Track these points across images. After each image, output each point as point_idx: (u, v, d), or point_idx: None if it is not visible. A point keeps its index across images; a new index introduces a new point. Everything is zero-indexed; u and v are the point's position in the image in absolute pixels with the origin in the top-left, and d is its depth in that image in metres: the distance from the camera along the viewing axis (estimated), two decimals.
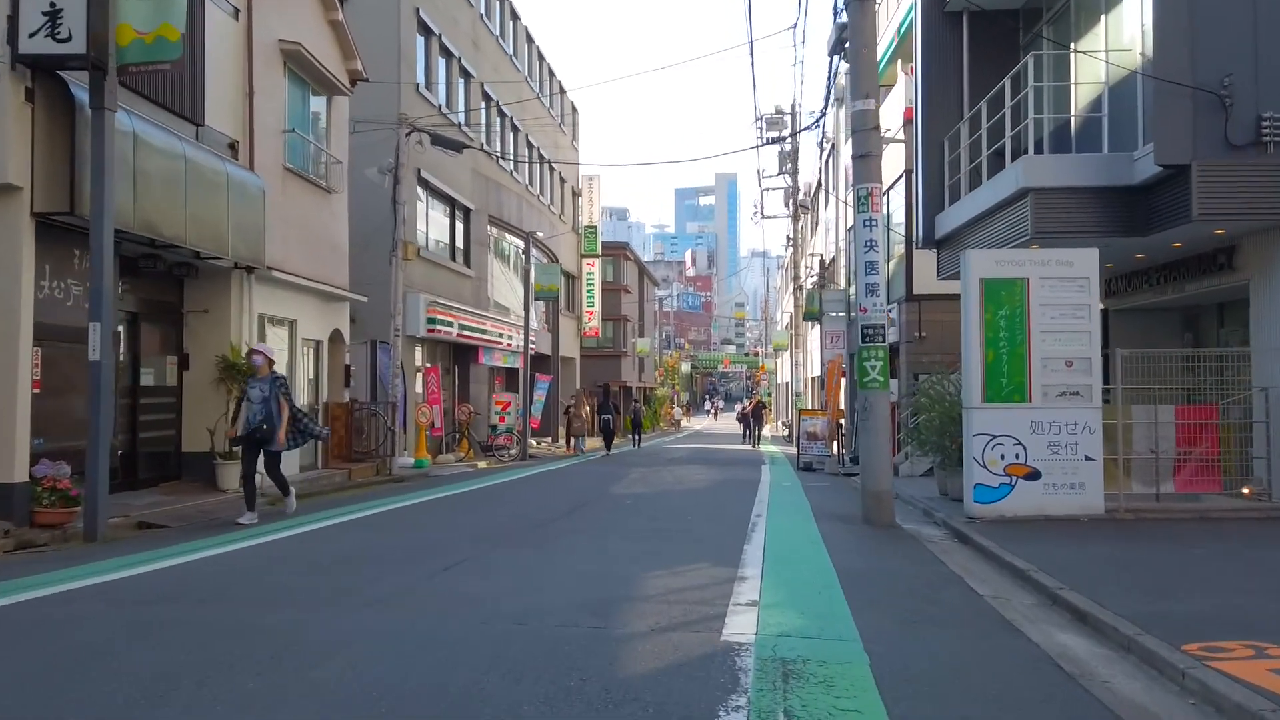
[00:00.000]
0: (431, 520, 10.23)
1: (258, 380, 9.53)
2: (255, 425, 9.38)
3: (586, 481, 15.75)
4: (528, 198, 29.12)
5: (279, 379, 9.72)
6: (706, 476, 16.99)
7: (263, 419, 9.38)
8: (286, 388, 9.76)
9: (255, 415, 9.38)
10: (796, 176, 33.98)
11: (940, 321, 19.04)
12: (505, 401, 24.12)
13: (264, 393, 9.44)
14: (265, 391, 9.44)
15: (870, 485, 9.70)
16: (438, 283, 21.16)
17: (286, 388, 9.76)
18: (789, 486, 14.89)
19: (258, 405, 9.41)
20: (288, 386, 9.86)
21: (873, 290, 9.91)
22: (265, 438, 9.46)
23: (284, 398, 9.59)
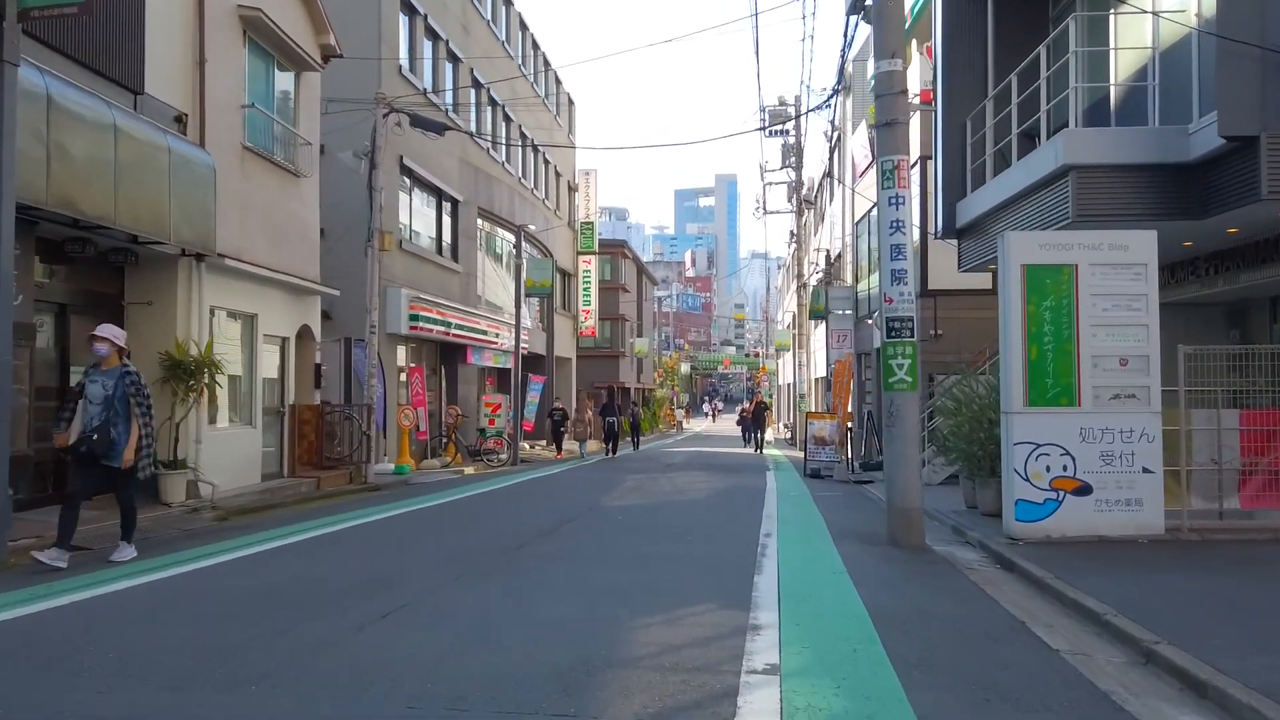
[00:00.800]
0: (390, 541, 8.97)
1: (101, 374, 7.29)
2: (88, 433, 7.12)
3: (576, 491, 14.52)
4: (520, 191, 27.90)
5: (129, 374, 7.37)
6: (708, 485, 15.75)
7: (100, 424, 7.12)
8: (140, 386, 7.41)
9: (92, 420, 7.15)
10: (800, 171, 32.74)
11: (958, 318, 17.81)
12: (495, 403, 22.87)
13: (106, 390, 7.21)
14: (109, 389, 7.22)
15: (898, 501, 8.46)
16: (422, 278, 19.93)
17: (140, 386, 7.41)
18: (797, 497, 13.65)
19: (97, 407, 7.17)
20: (142, 385, 7.45)
21: (899, 278, 8.68)
22: (100, 451, 7.14)
23: (135, 401, 7.31)
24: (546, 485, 15.85)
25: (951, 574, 7.17)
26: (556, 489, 15.11)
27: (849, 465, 18.30)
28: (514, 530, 9.56)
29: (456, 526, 10.11)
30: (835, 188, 30.78)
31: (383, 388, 17.65)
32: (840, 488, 15.96)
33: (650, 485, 15.33)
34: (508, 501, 12.99)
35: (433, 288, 20.45)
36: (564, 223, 35.07)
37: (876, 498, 14.05)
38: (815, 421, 18.54)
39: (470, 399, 23.23)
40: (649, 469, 19.82)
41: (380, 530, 9.64)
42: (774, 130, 33.47)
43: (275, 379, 13.58)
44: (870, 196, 22.17)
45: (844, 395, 18.46)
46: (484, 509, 12.09)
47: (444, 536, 9.23)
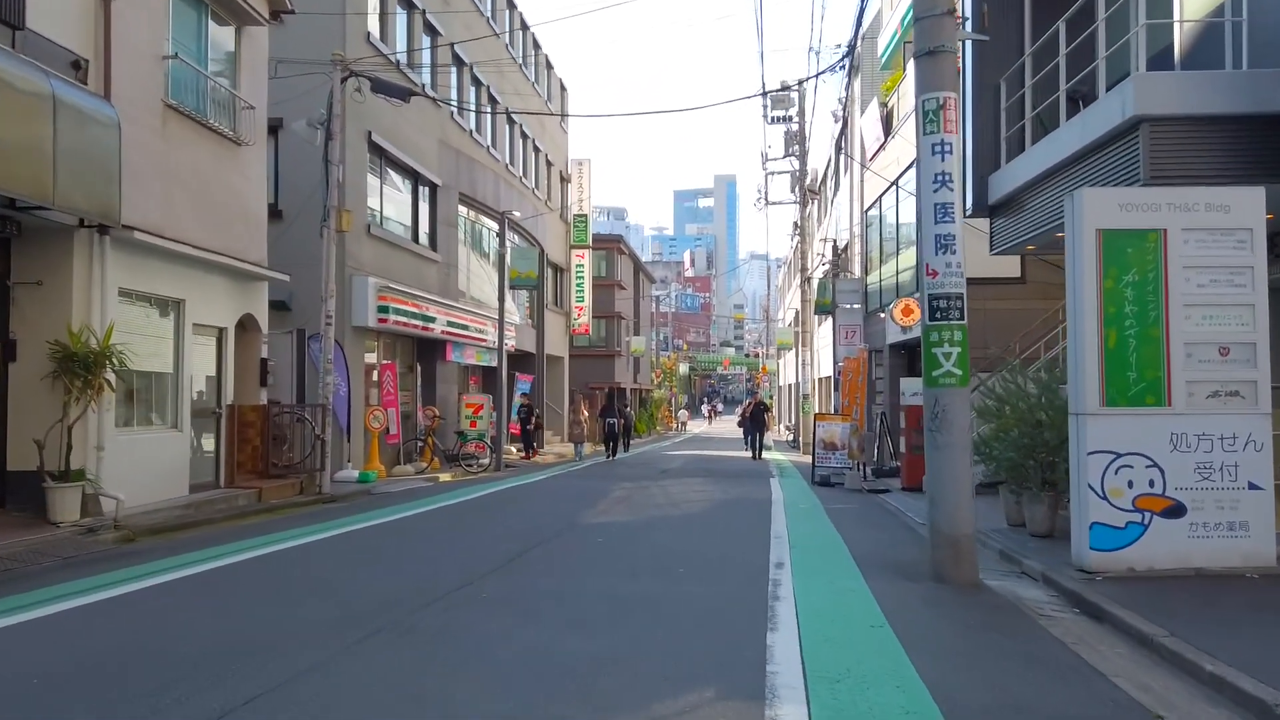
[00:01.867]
0: (305, 577, 7.22)
1: None
2: None
3: (556, 503, 12.80)
4: (507, 178, 26.19)
5: None
6: (705, 495, 14.05)
7: None
8: None
9: None
10: (805, 160, 31.05)
11: (984, 309, 16.05)
12: (477, 404, 21.16)
13: None
14: None
15: (945, 527, 6.73)
16: (394, 266, 18.22)
17: None
18: (808, 510, 11.95)
19: None
20: None
21: (946, 245, 6.98)
22: None
23: None
24: (525, 496, 14.14)
25: (1026, 627, 5.46)
26: (534, 500, 13.40)
27: (861, 472, 16.58)
28: (466, 559, 7.84)
29: (398, 552, 8.38)
30: (842, 175, 29.10)
31: (346, 386, 15.95)
32: (854, 498, 14.25)
33: (641, 496, 13.62)
34: (473, 517, 11.27)
35: (407, 278, 18.74)
36: (555, 214, 33.36)
37: (896, 509, 12.35)
38: (824, 424, 16.83)
39: (450, 399, 21.52)
40: (642, 476, 18.11)
41: (302, 559, 7.93)
42: (776, 117, 31.80)
43: (212, 375, 11.87)
44: (886, 177, 20.46)
45: (858, 394, 16.73)
46: (442, 527, 10.37)
47: (375, 569, 7.49)
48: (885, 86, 21.08)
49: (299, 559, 7.96)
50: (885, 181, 20.86)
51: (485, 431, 21.04)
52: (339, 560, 8.00)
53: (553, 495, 14.11)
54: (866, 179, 23.02)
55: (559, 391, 34.57)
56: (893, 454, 18.25)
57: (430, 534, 9.83)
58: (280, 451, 13.10)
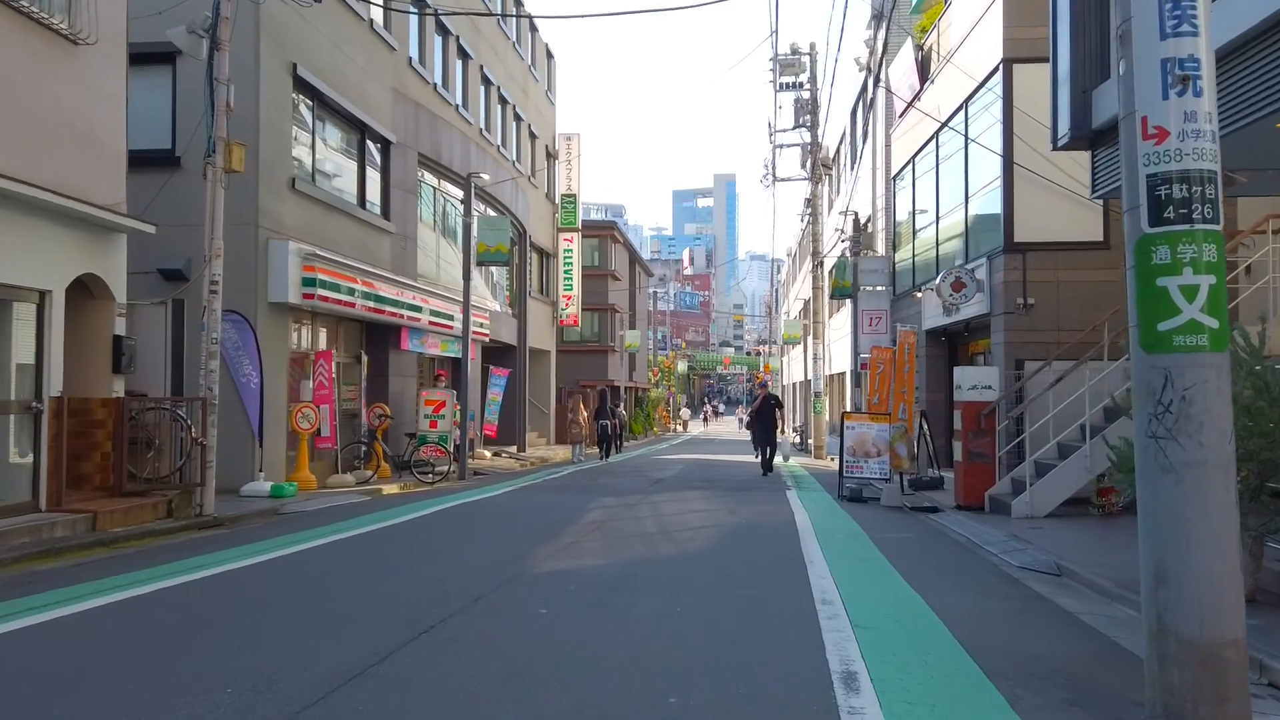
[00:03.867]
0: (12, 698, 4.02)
1: None
2: None
3: (505, 533, 9.56)
4: (482, 145, 22.98)
5: None
6: (708, 518, 10.82)
7: None
8: None
9: None
10: (816, 131, 27.82)
11: (1056, 283, 12.88)
12: (438, 401, 17.92)
13: None
14: None
15: (1193, 628, 3.38)
16: (331, 233, 15.01)
17: None
18: (853, 545, 8.72)
19: None
20: None
21: (1184, 78, 3.63)
22: None
23: None
24: (473, 518, 10.92)
25: None
26: (480, 527, 10.15)
27: (900, 483, 13.36)
28: (326, 643, 4.63)
29: (224, 630, 5.15)
30: (860, 147, 25.86)
31: (258, 377, 12.73)
32: (900, 521, 11.03)
33: (623, 520, 10.40)
34: (382, 557, 8.02)
35: (348, 248, 15.52)
36: (540, 192, 30.15)
37: (966, 540, 9.14)
38: (855, 425, 13.59)
39: (407, 395, 18.30)
40: (629, 488, 14.88)
41: (41, 655, 4.70)
42: (786, 84, 28.60)
43: (32, 358, 8.64)
44: (922, 134, 17.23)
45: (902, 389, 13.42)
46: (334, 573, 7.14)
47: (149, 669, 4.27)
48: (921, 25, 17.86)
49: (73, 638, 4.74)
50: (915, 142, 17.64)
51: (448, 433, 17.81)
52: (110, 653, 4.74)
53: (509, 518, 10.86)
54: (895, 140, 19.79)
55: (544, 388, 31.37)
56: (933, 461, 15.02)
57: (313, 582, 6.60)
58: (144, 461, 9.87)
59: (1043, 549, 8.29)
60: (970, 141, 14.18)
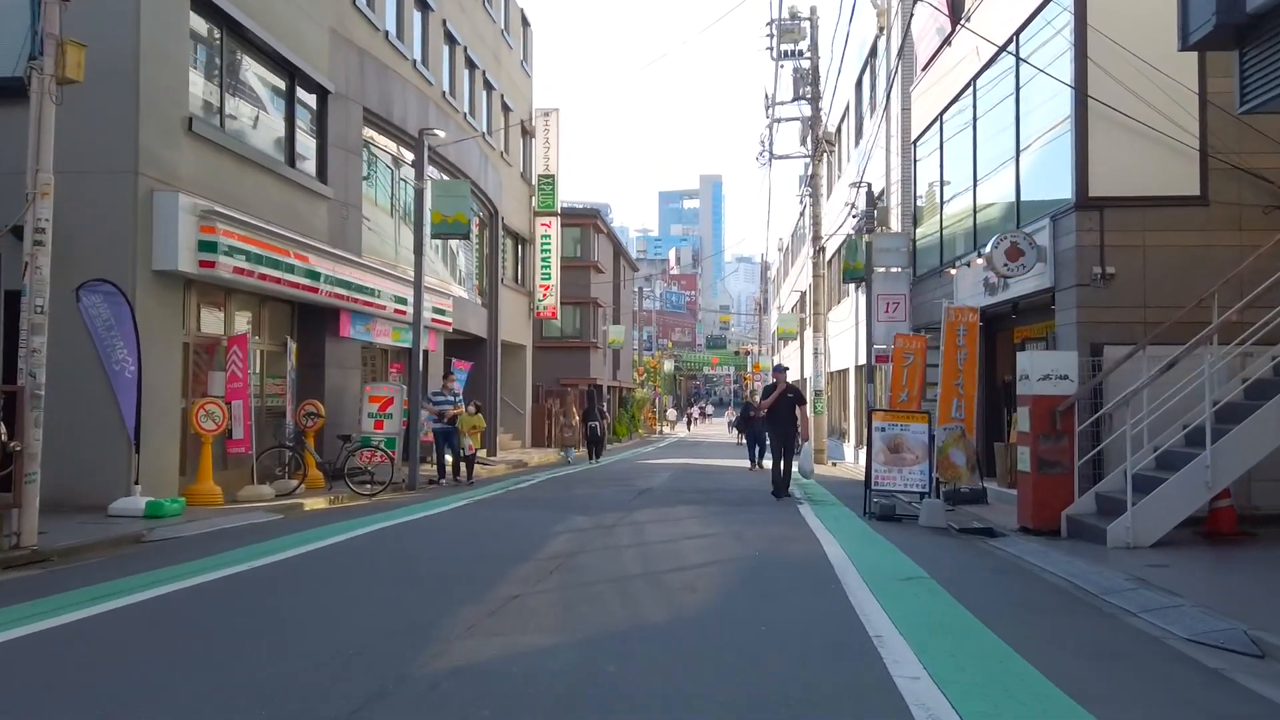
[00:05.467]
0: None
1: None
2: None
3: (435, 572, 6.88)
4: (445, 109, 20.29)
5: None
6: (708, 548, 8.18)
7: None
8: None
9: None
10: (818, 104, 25.26)
11: (1144, 248, 10.31)
12: (384, 397, 15.24)
13: None
14: None
15: None
16: (245, 191, 12.32)
17: None
18: (917, 593, 6.09)
19: None
20: None
21: None
22: None
23: None
24: (397, 549, 8.23)
25: None
26: (403, 562, 7.44)
27: (935, 493, 10.76)
28: None
29: None
30: (867, 119, 23.32)
31: (136, 364, 10.03)
32: (959, 551, 8.44)
33: (596, 552, 7.75)
34: (234, 617, 5.35)
35: (269, 211, 12.83)
36: (515, 170, 27.48)
37: (1067, 582, 6.58)
38: (887, 425, 10.98)
39: (348, 391, 15.60)
40: (609, 502, 12.25)
41: None
42: (786, 51, 26.03)
43: None
44: (953, 85, 14.65)
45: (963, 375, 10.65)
46: (96, 666, 4.46)
47: None
48: None
49: None
50: (944, 96, 15.09)
51: (396, 435, 15.14)
52: None
53: (442, 549, 8.15)
54: (917, 99, 17.23)
55: (519, 386, 28.67)
56: (978, 469, 12.43)
57: (81, 682, 3.92)
58: None
59: (1197, 602, 5.72)
60: (1023, 66, 11.60)
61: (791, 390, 13.74)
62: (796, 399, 13.56)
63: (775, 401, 13.51)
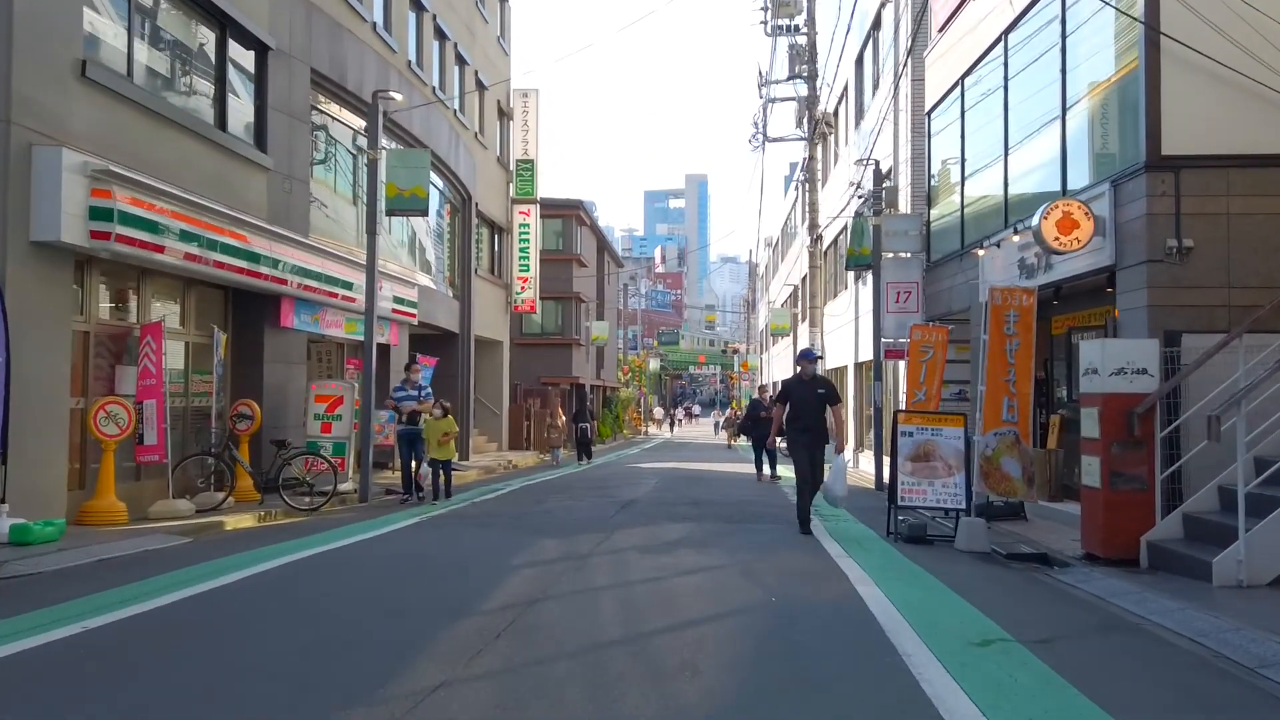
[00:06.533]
0: None
1: None
2: None
3: (336, 639, 5.05)
4: (410, 79, 18.43)
5: None
6: (709, 590, 6.38)
7: None
8: None
9: None
10: (815, 82, 23.54)
11: (1229, 216, 8.60)
12: (332, 396, 13.39)
13: None
14: None
15: None
16: (161, 153, 10.46)
17: None
18: (1005, 664, 4.35)
19: None
20: None
21: None
22: None
23: None
24: (306, 593, 6.40)
25: None
26: (302, 618, 5.57)
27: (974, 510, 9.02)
28: None
29: None
30: (867, 97, 21.64)
31: (4, 355, 8.16)
32: (1024, 589, 6.71)
33: (562, 600, 5.95)
34: None
35: (193, 180, 10.96)
36: (490, 153, 25.64)
37: (1207, 653, 4.80)
38: (915, 429, 9.26)
39: (292, 389, 13.74)
40: (586, 519, 10.47)
41: None
42: (779, 26, 24.30)
43: None
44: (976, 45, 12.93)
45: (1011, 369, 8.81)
46: None
47: None
48: None
49: None
50: (966, 57, 13.39)
51: (346, 440, 13.30)
52: None
53: (366, 593, 6.28)
54: (931, 65, 15.51)
55: (495, 385, 26.84)
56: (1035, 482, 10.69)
57: None
58: None
59: None
60: (1072, 10, 9.87)
61: (823, 384, 10.05)
62: (829, 395, 9.83)
63: (801, 400, 9.72)
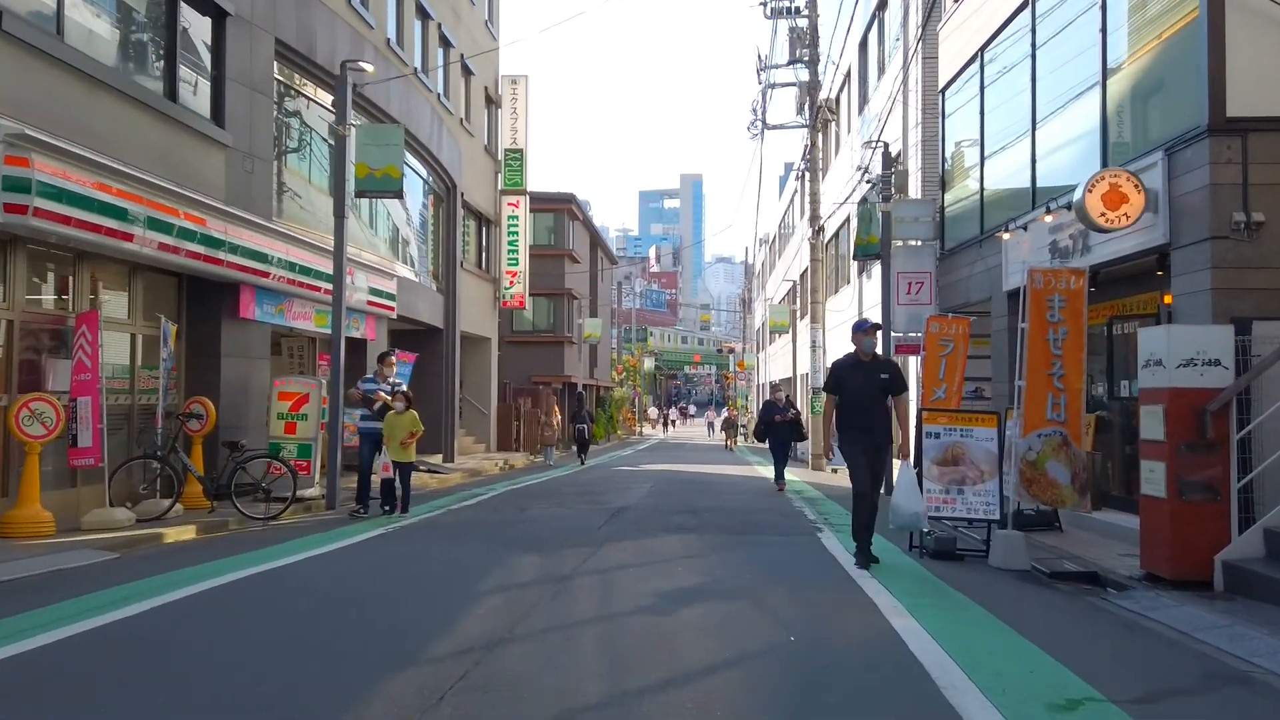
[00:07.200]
0: None
1: None
2: None
3: (242, 677, 3.97)
4: (389, 57, 17.33)
5: None
6: (718, 639, 5.22)
7: None
8: None
9: None
10: (816, 67, 22.49)
11: None
12: (298, 394, 12.26)
13: None
14: None
15: None
16: (98, 122, 9.36)
17: None
18: None
19: None
20: None
21: None
22: None
23: None
24: (203, 637, 5.28)
25: None
26: (170, 678, 4.50)
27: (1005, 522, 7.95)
28: None
29: None
30: (872, 80, 20.60)
31: None
32: (1087, 616, 5.64)
33: (529, 640, 4.86)
34: None
35: (138, 154, 9.86)
36: (477, 141, 24.54)
37: None
38: (944, 429, 8.19)
39: (254, 386, 12.61)
40: (570, 530, 9.38)
41: None
42: (777, 9, 23.23)
43: None
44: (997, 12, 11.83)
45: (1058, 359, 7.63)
46: None
47: None
48: None
49: None
50: (985, 28, 12.33)
51: (314, 441, 12.18)
52: None
53: (290, 633, 5.11)
54: (945, 39, 14.45)
55: (483, 383, 25.76)
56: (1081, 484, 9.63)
57: None
58: None
59: None
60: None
61: (886, 367, 7.61)
62: (893, 383, 7.41)
63: (857, 390, 7.36)
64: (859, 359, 7.60)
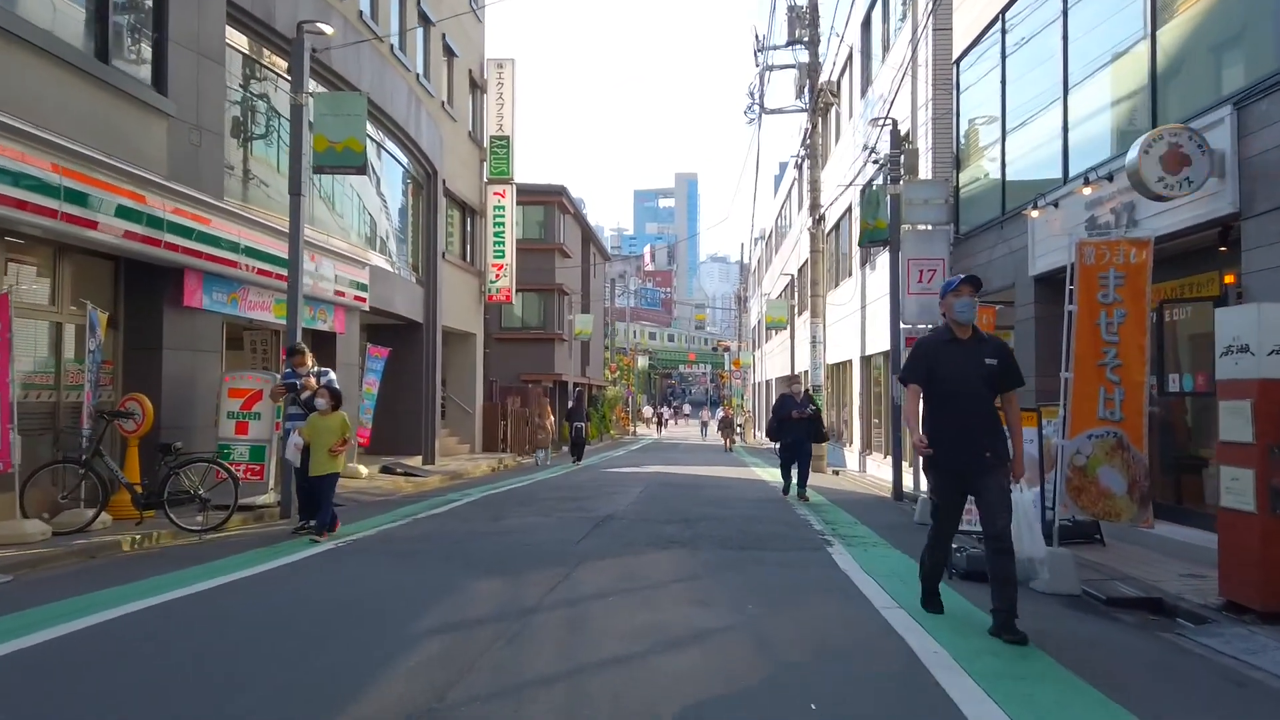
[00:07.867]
0: None
1: None
2: None
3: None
4: (363, 31, 16.13)
5: None
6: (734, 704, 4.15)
7: None
8: None
9: None
10: (816, 48, 21.37)
11: None
12: (249, 391, 11.09)
13: None
14: None
15: None
16: (6, 81, 8.19)
17: None
18: None
19: None
20: None
21: None
22: None
23: None
24: (102, 686, 4.11)
25: None
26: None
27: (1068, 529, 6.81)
28: None
29: None
30: (875, 58, 19.47)
31: None
32: (1181, 664, 4.48)
33: (467, 704, 3.73)
34: None
35: (65, 121, 8.69)
36: (460, 127, 23.36)
37: None
38: None
39: (201, 382, 11.43)
40: (541, 548, 8.23)
41: None
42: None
43: None
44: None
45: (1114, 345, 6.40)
46: None
47: None
48: None
49: None
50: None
51: (268, 443, 11.01)
52: None
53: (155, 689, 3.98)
54: (959, 5, 13.32)
55: (468, 381, 24.57)
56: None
57: None
58: None
59: None
60: None
61: (993, 349, 5.30)
62: (1003, 369, 5.25)
63: (954, 379, 5.19)
64: (953, 334, 5.25)
